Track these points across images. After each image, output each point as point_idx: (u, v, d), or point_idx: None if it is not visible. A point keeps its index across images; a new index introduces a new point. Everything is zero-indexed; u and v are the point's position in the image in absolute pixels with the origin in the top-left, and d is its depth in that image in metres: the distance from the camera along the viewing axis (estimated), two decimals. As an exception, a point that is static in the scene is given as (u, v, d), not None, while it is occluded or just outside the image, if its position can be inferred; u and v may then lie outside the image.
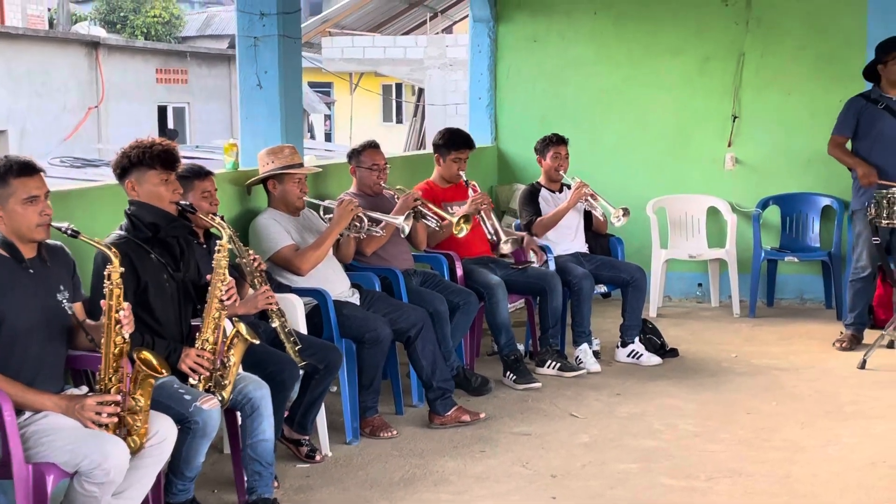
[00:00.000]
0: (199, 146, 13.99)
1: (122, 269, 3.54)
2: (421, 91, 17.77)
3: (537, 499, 4.53)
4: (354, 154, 5.99)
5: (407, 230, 5.63)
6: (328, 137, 27.18)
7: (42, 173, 3.62)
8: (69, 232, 3.56)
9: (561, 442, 5.22)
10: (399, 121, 28.39)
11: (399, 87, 27.62)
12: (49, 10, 28.14)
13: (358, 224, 5.44)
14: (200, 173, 4.67)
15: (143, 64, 19.43)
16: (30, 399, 3.51)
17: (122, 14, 30.08)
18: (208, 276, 4.13)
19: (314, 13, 21.34)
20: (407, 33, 18.60)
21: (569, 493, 4.57)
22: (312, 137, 25.60)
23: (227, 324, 4.21)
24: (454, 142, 6.52)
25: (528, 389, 6.04)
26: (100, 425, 3.49)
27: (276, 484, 4.56)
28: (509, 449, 5.11)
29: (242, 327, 4.09)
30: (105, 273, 3.52)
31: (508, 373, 6.16)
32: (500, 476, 4.77)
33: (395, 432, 5.29)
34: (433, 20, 17.94)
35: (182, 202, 4.19)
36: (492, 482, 4.71)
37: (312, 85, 25.91)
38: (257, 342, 4.13)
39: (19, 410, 3.48)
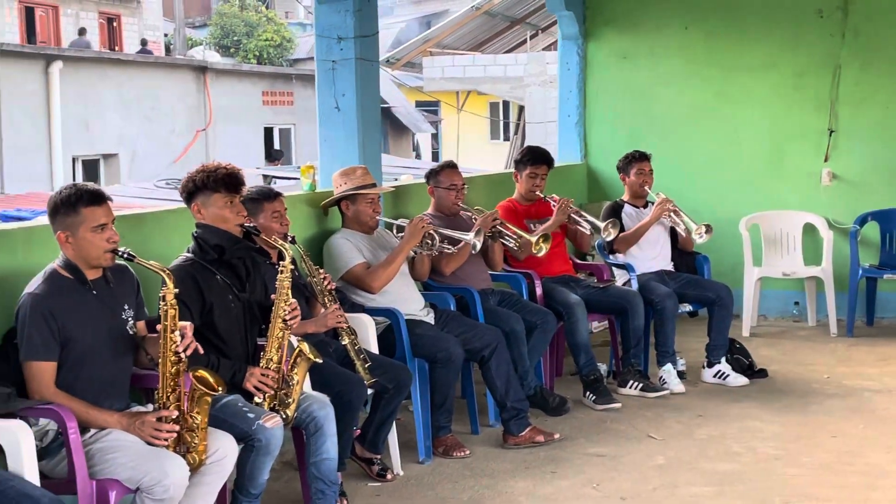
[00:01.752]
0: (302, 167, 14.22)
1: (177, 290, 3.65)
2: (521, 109, 17.80)
3: (604, 521, 4.50)
4: (432, 174, 6.05)
5: (479, 246, 5.65)
6: (435, 157, 27.36)
7: (109, 201, 3.76)
8: (126, 255, 3.69)
9: (635, 464, 5.16)
10: (507, 138, 28.40)
11: (507, 105, 27.70)
12: (166, 35, 29.09)
13: (430, 242, 5.48)
14: (269, 195, 4.78)
15: (250, 87, 19.90)
16: (94, 417, 3.63)
17: (235, 38, 30.87)
18: (273, 297, 4.22)
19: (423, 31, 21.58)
20: (508, 51, 18.68)
21: (637, 516, 4.53)
22: (418, 157, 25.84)
23: (294, 342, 4.30)
24: (530, 157, 6.54)
25: (607, 410, 5.99)
26: (160, 443, 3.60)
27: (345, 502, 4.63)
28: (581, 470, 5.08)
29: (305, 346, 4.17)
30: (160, 294, 3.63)
31: (588, 393, 6.12)
32: (570, 497, 4.75)
33: (467, 452, 5.31)
34: (534, 38, 17.98)
35: (247, 224, 4.30)
36: (560, 503, 4.69)
37: (419, 105, 26.17)
38: (320, 361, 4.21)
39: (84, 428, 3.61)
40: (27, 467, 3.36)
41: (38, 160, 15.00)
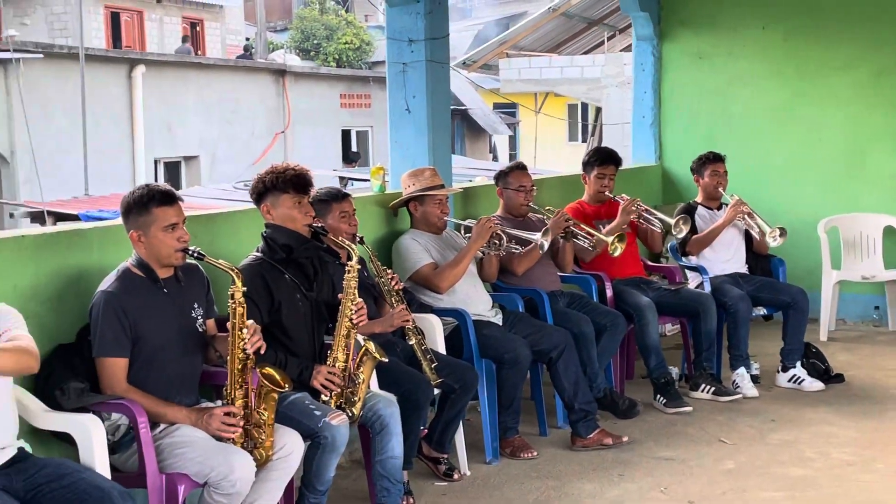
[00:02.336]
0: (379, 169, 14.32)
1: (245, 289, 3.72)
2: (599, 110, 17.71)
3: (671, 525, 4.47)
4: (501, 176, 6.06)
5: (546, 246, 5.64)
6: (512, 159, 27.36)
7: (180, 202, 3.84)
8: (196, 254, 3.77)
9: (704, 468, 5.12)
10: (584, 140, 28.28)
11: (585, 107, 27.57)
12: (247, 39, 29.52)
13: (497, 242, 5.49)
14: (337, 196, 4.84)
15: (328, 89, 20.08)
16: (163, 412, 3.72)
17: (315, 41, 31.21)
18: (340, 296, 4.27)
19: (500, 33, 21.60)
20: (586, 53, 18.60)
21: (704, 520, 4.49)
22: (495, 159, 25.84)
23: (360, 341, 4.34)
24: (597, 158, 6.53)
25: (677, 413, 5.94)
26: (227, 437, 3.68)
27: (411, 501, 4.67)
28: (649, 473, 5.05)
29: (371, 346, 4.21)
30: (229, 293, 3.71)
31: (658, 396, 6.08)
32: (636, 500, 4.73)
33: (534, 453, 5.31)
34: (611, 39, 17.87)
35: (314, 224, 4.36)
36: (627, 507, 4.68)
37: (496, 107, 26.18)
38: (386, 360, 4.25)
39: (154, 423, 3.70)
40: (98, 460, 3.46)
41: (122, 162, 15.34)
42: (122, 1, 23.88)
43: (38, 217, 10.77)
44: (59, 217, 10.45)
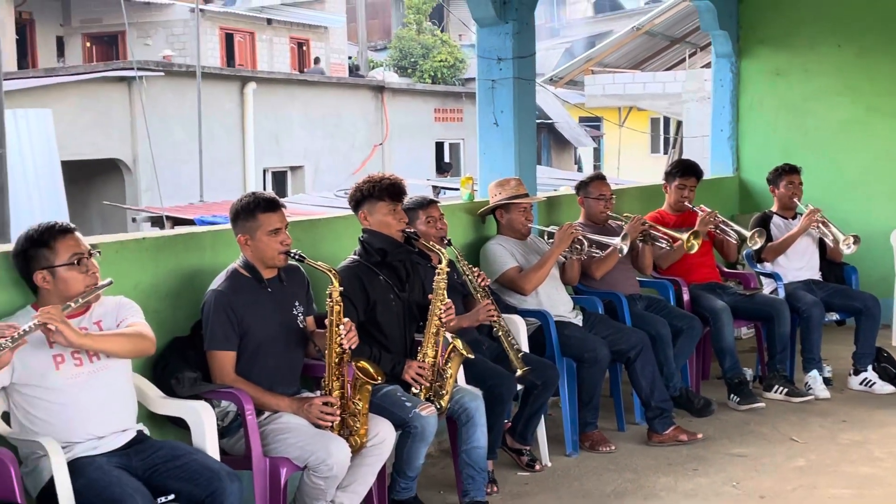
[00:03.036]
0: (469, 178, 14.38)
1: (342, 289, 3.79)
2: (679, 123, 17.51)
3: (742, 518, 4.43)
4: (582, 186, 6.06)
5: (625, 250, 5.62)
6: (596, 170, 27.19)
7: (283, 208, 3.94)
8: (297, 257, 3.86)
9: (776, 465, 5.05)
10: (666, 151, 27.95)
11: (667, 120, 27.26)
12: (350, 58, 29.87)
13: (579, 247, 5.50)
14: (423, 203, 4.89)
15: (423, 104, 20.22)
16: (267, 400, 3.82)
17: (412, 59, 31.41)
18: (430, 297, 4.33)
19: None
20: (668, 69, 18.39)
21: (774, 515, 4.43)
22: (580, 170, 25.72)
23: (448, 339, 4.39)
24: (679, 170, 6.48)
25: (750, 411, 5.86)
26: (325, 425, 3.76)
27: (495, 489, 4.70)
28: (722, 469, 5.00)
29: (459, 343, 4.26)
30: (327, 292, 3.79)
31: (732, 395, 6.01)
32: (709, 494, 4.69)
33: (613, 447, 5.30)
34: (693, 56, 17.66)
35: (407, 230, 4.43)
36: (699, 500, 4.63)
37: (582, 120, 26.06)
38: (472, 357, 4.29)
39: (259, 410, 3.80)
40: (209, 443, 3.56)
41: (233, 171, 15.65)
42: (235, 23, 24.36)
43: (157, 221, 11.04)
44: (177, 221, 10.69)
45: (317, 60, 25.36)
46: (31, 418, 3.31)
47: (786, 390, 6.13)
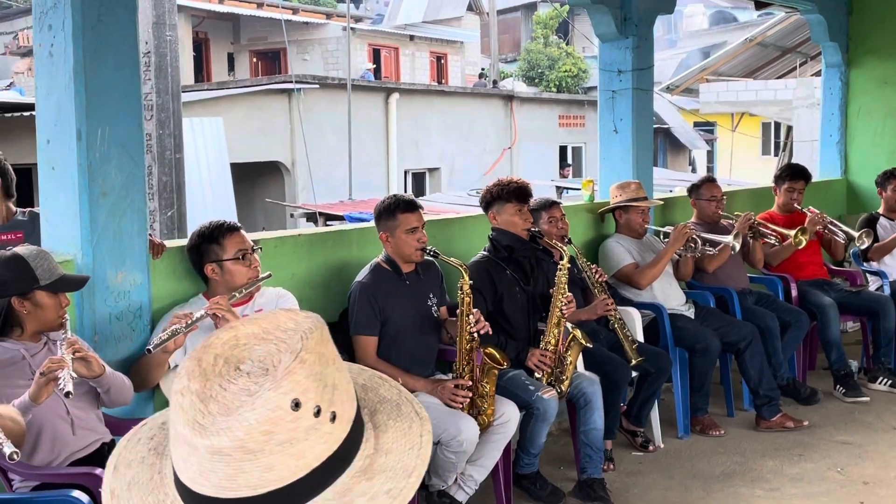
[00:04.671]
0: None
1: (471, 282, 3.79)
2: (790, 128, 16.89)
3: (846, 502, 4.23)
4: (694, 188, 5.90)
5: (737, 248, 5.45)
6: (709, 171, 26.47)
7: (421, 209, 3.96)
8: (432, 253, 3.88)
9: (880, 452, 4.82)
10: (776, 154, 27.02)
11: (777, 125, 26.34)
12: (482, 69, 29.89)
13: (692, 245, 5.36)
14: (546, 204, 4.84)
15: (549, 112, 20.07)
16: (405, 381, 3.84)
17: (539, 70, 31.22)
18: (552, 290, 4.29)
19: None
20: (779, 77, 17.75)
21: (877, 500, 4.23)
22: (694, 171, 25.10)
23: (569, 328, 4.34)
24: (788, 173, 6.24)
25: (855, 403, 5.61)
26: (456, 405, 3.76)
27: (612, 466, 4.63)
28: (827, 455, 4.80)
29: (578, 333, 4.21)
30: (458, 285, 3.79)
31: (838, 386, 5.76)
32: (814, 479, 4.51)
33: (722, 431, 5.16)
34: (803, 65, 16.99)
35: (532, 229, 4.40)
36: (805, 483, 4.46)
37: (696, 124, 25.40)
38: (590, 346, 4.23)
39: (398, 389, 3.83)
40: (353, 418, 3.61)
41: (378, 172, 15.87)
42: (382, 39, 24.68)
43: (311, 217, 11.26)
44: (328, 217, 10.88)
45: (481, 75, 25.75)
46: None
47: (890, 382, 5.85)
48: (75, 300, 3.18)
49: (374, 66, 23.58)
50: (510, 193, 4.37)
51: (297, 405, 0.99)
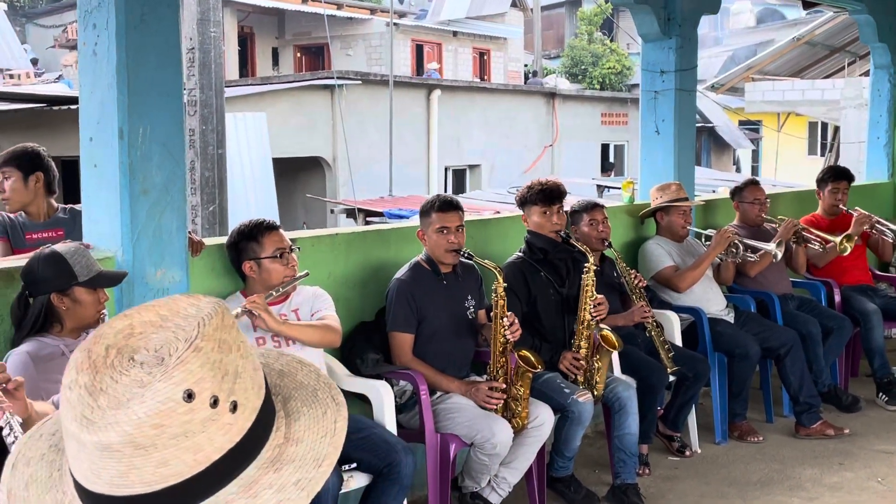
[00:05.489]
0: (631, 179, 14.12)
1: (505, 285, 3.78)
2: (836, 129, 16.62)
3: (886, 514, 4.17)
4: (737, 191, 5.84)
5: (780, 255, 5.38)
6: (754, 171, 26.15)
7: (459, 211, 3.95)
8: (466, 255, 3.87)
9: (922, 464, 4.73)
10: (823, 154, 26.60)
11: (825, 125, 25.93)
12: (525, 66, 29.78)
13: (734, 250, 5.30)
14: (588, 206, 4.81)
15: (591, 109, 19.93)
16: (439, 381, 3.85)
17: (582, 67, 31.04)
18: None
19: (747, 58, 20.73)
20: (827, 77, 17.48)
21: (918, 513, 4.16)
22: (738, 171, 24.81)
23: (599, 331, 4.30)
24: (831, 175, 6.15)
25: (898, 411, 5.52)
26: (490, 407, 3.76)
27: (647, 471, 4.60)
28: (868, 464, 4.73)
29: (608, 335, 4.17)
30: (493, 287, 3.79)
31: (881, 394, 5.67)
32: (853, 488, 4.44)
33: (760, 438, 5.10)
34: (851, 65, 16.71)
35: (561, 231, 4.37)
36: (844, 493, 4.39)
37: (741, 123, 25.09)
38: (615, 350, 4.20)
39: (432, 390, 3.84)
40: (388, 418, 3.62)
41: (418, 169, 15.88)
42: (425, 35, 24.68)
43: (351, 213, 11.31)
44: (368, 213, 10.92)
45: (534, 73, 25.80)
46: (237, 390, 3.44)
47: (935, 391, 5.73)
48: (115, 296, 3.22)
49: (438, 65, 23.65)
50: (535, 195, 4.36)
51: (189, 396, 0.95)
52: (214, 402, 0.96)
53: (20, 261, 3.04)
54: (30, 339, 2.85)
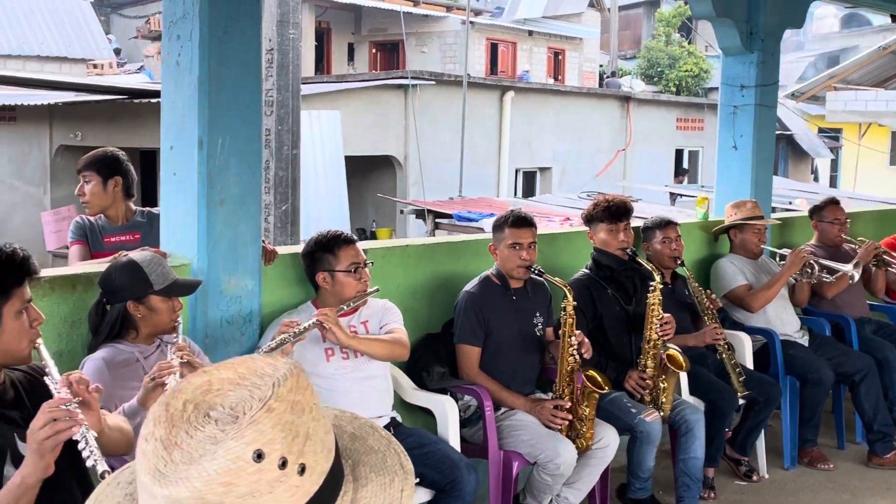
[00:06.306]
0: (705, 186, 13.93)
1: (574, 303, 3.75)
2: (922, 141, 16.13)
3: (961, 554, 4.04)
4: (816, 210, 5.71)
5: (857, 277, 5.25)
6: (832, 181, 25.55)
7: (532, 228, 3.94)
8: (536, 271, 3.85)
9: None
10: (905, 166, 25.84)
11: (908, 135, 25.18)
12: (601, 66, 29.53)
13: (809, 271, 5.19)
14: (660, 223, 4.75)
15: (666, 114, 19.64)
16: (504, 397, 3.84)
17: (658, 69, 30.66)
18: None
19: (830, 67, 20.28)
20: (913, 87, 16.97)
21: None
22: (816, 180, 24.27)
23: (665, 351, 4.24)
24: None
25: (978, 444, 5.33)
26: (555, 427, 3.73)
27: (712, 495, 4.54)
28: (944, 500, 4.59)
29: (675, 354, 4.11)
30: (562, 305, 3.76)
31: (960, 425, 5.48)
32: (928, 525, 4.32)
33: (831, 465, 4.98)
34: (940, 75, 16.20)
35: (628, 249, 4.32)
36: (917, 529, 4.28)
37: (820, 131, 24.51)
38: (683, 371, 4.13)
39: (496, 405, 3.83)
40: (452, 434, 3.62)
41: (489, 171, 15.84)
42: (500, 34, 24.61)
43: (421, 214, 11.31)
44: (437, 215, 10.90)
45: (613, 73, 25.69)
46: (304, 400, 3.48)
47: None
48: (189, 303, 3.28)
49: (528, 69, 23.65)
50: (601, 213, 4.33)
51: (259, 456, 0.95)
52: (283, 464, 0.97)
53: (99, 266, 3.12)
54: (105, 346, 2.92)
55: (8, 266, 2.15)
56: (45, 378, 2.15)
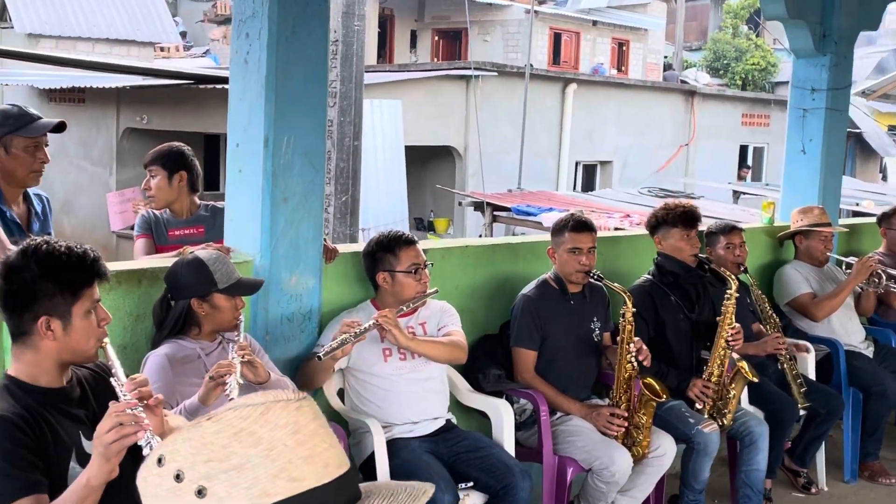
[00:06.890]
0: (769, 184, 13.68)
1: (634, 310, 3.71)
2: None
3: None
4: (885, 217, 5.57)
5: (926, 290, 5.13)
6: (902, 180, 24.91)
7: (592, 233, 3.90)
8: (596, 277, 3.82)
9: None
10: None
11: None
12: (665, 57, 29.14)
13: (876, 280, 5.08)
14: (725, 229, 4.67)
15: (731, 109, 19.30)
16: (560, 402, 3.82)
17: (725, 62, 30.16)
18: (718, 318, 4.14)
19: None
20: None
21: None
22: (884, 179, 23.68)
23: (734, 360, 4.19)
24: None
25: None
26: (611, 434, 3.71)
27: (769, 506, 4.47)
28: None
29: (745, 365, 4.05)
30: (621, 311, 3.73)
31: None
32: None
33: (893, 480, 4.89)
34: None
35: (700, 255, 4.26)
36: (981, 552, 4.17)
37: (891, 128, 23.91)
38: (756, 380, 4.07)
39: (552, 410, 3.81)
40: (507, 439, 3.62)
41: (549, 163, 15.75)
42: (564, 24, 24.41)
43: (479, 206, 11.28)
44: (496, 207, 10.86)
45: (671, 66, 25.48)
46: (362, 399, 3.51)
47: None
48: (250, 300, 3.31)
49: (602, 62, 23.51)
50: (676, 218, 4.25)
51: (159, 461, 1.05)
52: (177, 477, 1.02)
53: (165, 262, 3.17)
54: (168, 341, 2.96)
55: (79, 267, 2.19)
56: (112, 379, 2.19)
